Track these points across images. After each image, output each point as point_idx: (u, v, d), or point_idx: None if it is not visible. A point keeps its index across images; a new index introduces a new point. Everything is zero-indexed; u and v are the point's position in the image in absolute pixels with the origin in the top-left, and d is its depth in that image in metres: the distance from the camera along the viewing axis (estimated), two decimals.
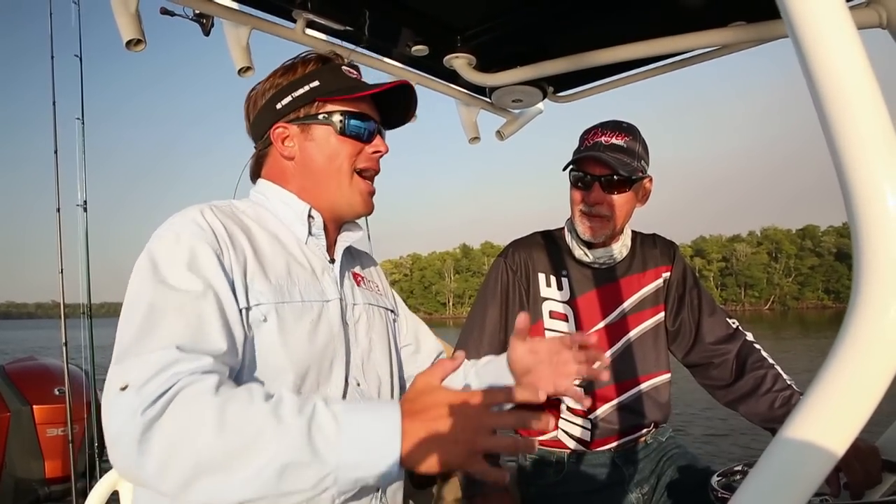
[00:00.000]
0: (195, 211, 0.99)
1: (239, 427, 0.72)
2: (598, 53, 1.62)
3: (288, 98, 1.09)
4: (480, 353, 1.63)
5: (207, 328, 0.86)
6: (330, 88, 1.09)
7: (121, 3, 1.38)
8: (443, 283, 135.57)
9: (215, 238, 0.95)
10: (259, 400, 0.76)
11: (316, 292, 1.05)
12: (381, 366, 1.15)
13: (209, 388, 0.76)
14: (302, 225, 1.09)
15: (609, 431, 1.62)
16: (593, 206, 1.56)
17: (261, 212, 1.10)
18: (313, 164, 1.09)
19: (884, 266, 0.43)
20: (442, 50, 1.75)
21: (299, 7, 1.49)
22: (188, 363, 0.79)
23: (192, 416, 0.73)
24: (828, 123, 0.44)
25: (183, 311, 0.85)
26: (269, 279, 0.98)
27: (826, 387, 0.47)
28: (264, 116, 1.12)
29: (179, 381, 0.76)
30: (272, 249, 1.04)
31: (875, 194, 0.43)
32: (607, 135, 1.56)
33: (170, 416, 0.73)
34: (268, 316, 0.96)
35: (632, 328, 1.66)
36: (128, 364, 0.79)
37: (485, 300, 1.69)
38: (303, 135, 1.09)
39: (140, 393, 0.74)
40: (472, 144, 2.21)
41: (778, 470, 0.49)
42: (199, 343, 0.83)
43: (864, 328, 0.45)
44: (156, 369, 0.77)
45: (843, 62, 0.44)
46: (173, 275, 0.89)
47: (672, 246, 1.77)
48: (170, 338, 0.81)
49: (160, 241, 0.94)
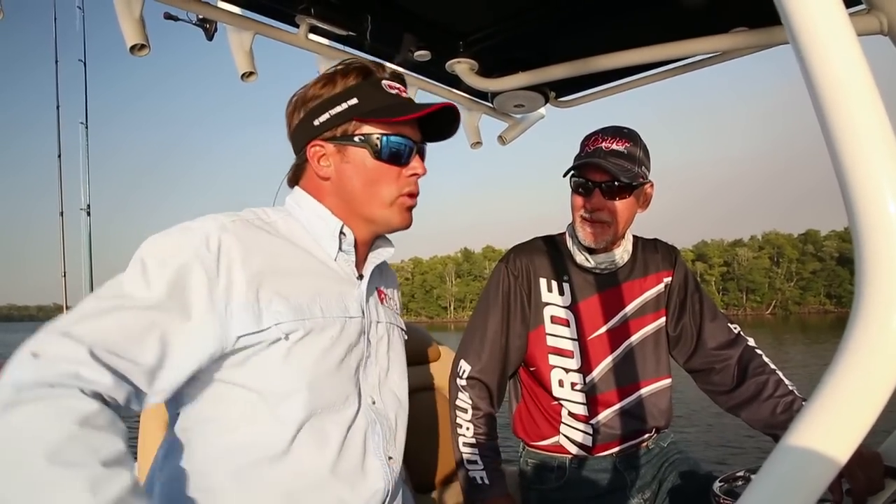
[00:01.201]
0: (214, 225, 0.96)
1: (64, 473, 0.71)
2: (600, 59, 1.62)
3: (326, 115, 1.05)
4: (481, 359, 1.63)
5: (140, 343, 0.84)
6: (368, 108, 1.04)
7: (125, 8, 1.38)
8: (444, 287, 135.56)
9: (217, 261, 0.92)
10: (95, 463, 0.74)
11: (339, 309, 1.04)
12: (397, 385, 1.15)
13: (78, 413, 0.75)
14: (333, 241, 1.08)
15: (611, 437, 1.62)
16: (594, 211, 1.56)
17: (292, 224, 1.08)
18: (349, 186, 1.07)
19: (886, 273, 0.43)
20: (444, 55, 1.76)
21: (302, 12, 1.50)
22: (90, 373, 0.78)
23: (42, 427, 0.73)
24: (828, 130, 0.45)
25: (128, 316, 0.85)
26: (288, 298, 0.97)
27: (829, 394, 0.47)
28: (302, 131, 1.09)
29: (67, 387, 0.76)
30: (298, 265, 1.02)
31: (876, 200, 0.43)
32: (608, 140, 1.56)
33: (29, 411, 0.73)
34: (288, 334, 0.95)
35: (633, 333, 1.66)
36: (57, 330, 0.80)
37: (486, 305, 1.69)
38: (339, 155, 1.07)
39: (38, 370, 0.76)
40: (473, 149, 2.21)
41: (781, 476, 0.49)
42: (119, 354, 0.82)
43: (868, 335, 0.45)
44: (63, 360, 0.77)
45: (844, 69, 0.44)
46: (147, 277, 0.88)
47: (673, 251, 1.76)
48: (95, 335, 0.81)
49: (162, 239, 0.93)
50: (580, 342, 1.63)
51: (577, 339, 1.64)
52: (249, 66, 1.58)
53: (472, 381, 1.63)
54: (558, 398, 1.64)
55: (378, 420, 1.07)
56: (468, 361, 1.64)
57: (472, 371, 1.63)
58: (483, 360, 1.63)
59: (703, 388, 1.70)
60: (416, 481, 1.99)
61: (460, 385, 1.64)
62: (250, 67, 1.58)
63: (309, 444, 0.96)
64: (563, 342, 1.64)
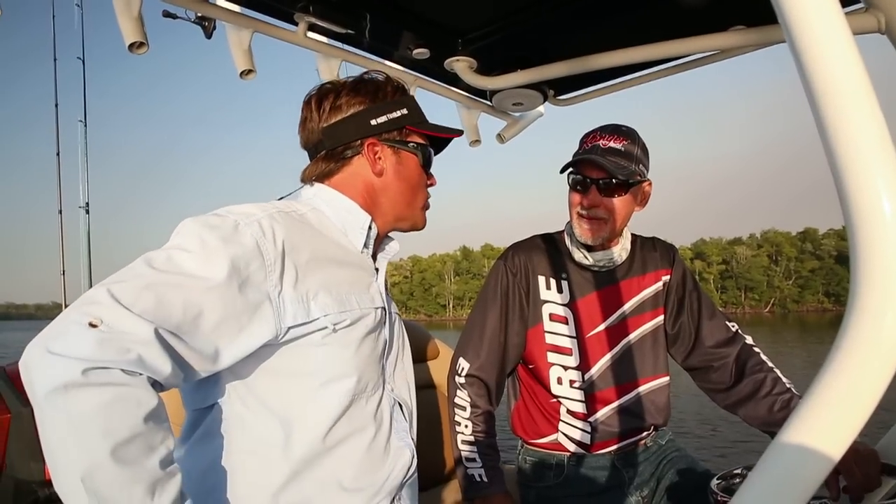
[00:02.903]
0: (265, 214, 0.97)
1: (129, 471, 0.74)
2: (599, 57, 1.62)
3: (383, 118, 1.12)
4: (480, 356, 1.64)
5: (201, 326, 0.85)
6: (418, 119, 1.16)
7: (124, 5, 1.38)
8: (443, 285, 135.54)
9: (274, 249, 0.94)
10: (154, 463, 0.77)
11: (368, 300, 1.08)
12: (407, 371, 1.22)
13: (144, 407, 0.77)
14: (362, 234, 1.12)
15: (609, 434, 1.63)
16: (590, 208, 1.57)
17: (321, 217, 1.10)
18: (397, 186, 1.15)
19: (881, 271, 0.43)
20: (443, 53, 1.76)
21: (301, 10, 1.50)
22: (153, 358, 0.78)
23: (108, 421, 0.73)
24: (824, 129, 0.45)
25: (191, 295, 0.84)
26: (331, 289, 1.00)
27: (824, 391, 0.48)
28: (355, 126, 1.11)
29: (133, 374, 0.76)
30: (334, 257, 1.06)
31: (872, 201, 0.43)
32: (605, 138, 1.57)
33: (97, 401, 0.73)
34: (333, 325, 0.98)
35: (631, 331, 1.67)
36: (115, 299, 0.78)
37: (485, 303, 1.69)
38: (394, 157, 1.14)
39: (101, 346, 0.74)
40: (472, 147, 2.21)
41: (776, 473, 0.50)
42: (181, 337, 0.82)
43: (862, 332, 0.45)
44: (127, 338, 0.76)
45: (840, 68, 0.44)
46: (209, 256, 0.87)
47: (672, 249, 1.77)
48: (158, 312, 0.80)
49: (219, 221, 0.93)
50: (579, 340, 1.64)
51: (575, 337, 1.64)
52: (248, 64, 1.58)
53: (471, 379, 1.63)
54: (557, 396, 1.64)
55: (399, 404, 1.14)
56: (467, 359, 1.65)
57: (471, 369, 1.63)
58: (482, 358, 1.64)
59: (701, 386, 1.71)
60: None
61: (459, 383, 1.64)
62: (249, 65, 1.58)
63: (348, 430, 1.01)
64: (561, 340, 1.65)
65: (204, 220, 0.93)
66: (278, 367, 0.97)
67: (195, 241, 0.89)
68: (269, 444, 0.97)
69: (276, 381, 0.98)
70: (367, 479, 1.03)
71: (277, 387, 0.98)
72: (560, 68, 1.70)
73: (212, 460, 0.97)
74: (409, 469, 1.11)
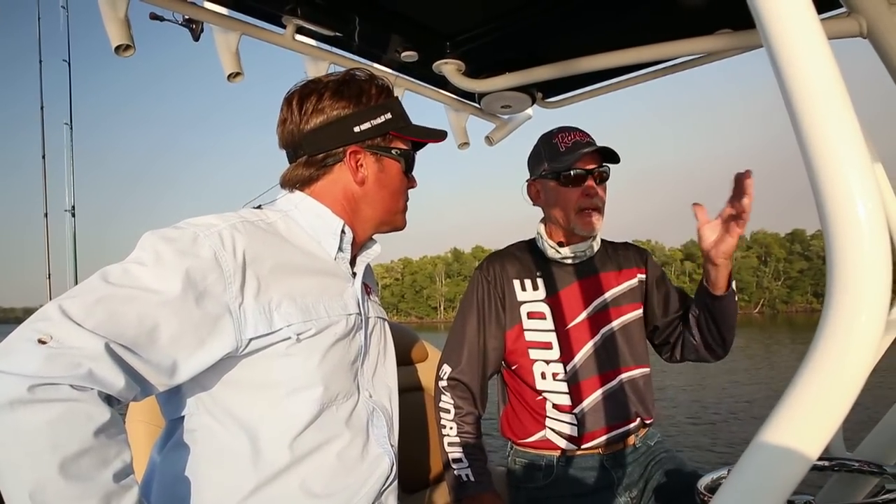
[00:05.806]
0: (226, 224, 0.96)
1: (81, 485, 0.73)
2: (587, 60, 1.63)
3: (367, 124, 1.10)
4: (461, 361, 1.69)
5: (157, 340, 0.83)
6: (402, 124, 1.14)
7: (109, 8, 1.37)
8: (434, 287, 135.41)
9: (233, 261, 0.93)
10: (107, 477, 0.76)
11: (339, 307, 1.06)
12: (388, 376, 1.20)
13: (95, 422, 0.75)
14: (334, 239, 1.10)
15: (595, 425, 1.64)
16: (592, 198, 1.63)
17: (291, 224, 1.09)
18: (378, 194, 1.13)
19: (855, 273, 0.44)
20: (431, 56, 1.77)
21: (289, 13, 1.50)
22: (105, 373, 0.77)
23: (56, 436, 0.72)
24: (800, 133, 0.46)
25: (145, 309, 0.83)
26: (295, 299, 0.99)
27: (801, 390, 0.49)
28: (337, 133, 1.09)
29: (83, 389, 0.75)
30: (301, 266, 1.04)
31: (846, 203, 0.44)
32: (575, 135, 1.67)
33: (44, 417, 0.72)
34: (297, 335, 0.97)
35: (610, 321, 1.71)
36: (66, 315, 0.77)
37: (464, 311, 1.76)
38: (376, 165, 1.12)
39: (49, 362, 0.73)
40: (461, 150, 2.22)
41: (756, 471, 0.50)
42: (135, 351, 0.81)
43: (837, 333, 0.46)
44: (77, 353, 0.75)
45: (814, 71, 0.45)
46: (164, 270, 0.87)
47: (645, 252, 1.85)
48: (110, 326, 0.79)
49: (176, 233, 0.92)
50: (558, 332, 1.68)
51: (554, 330, 1.68)
52: (236, 67, 1.57)
53: (453, 382, 1.68)
54: (542, 391, 1.66)
55: (378, 410, 1.12)
56: (449, 364, 1.70)
57: (453, 373, 1.68)
58: (462, 362, 1.69)
59: (694, 359, 1.75)
60: (405, 481, 1.99)
61: (442, 387, 1.69)
62: (237, 68, 1.58)
63: (318, 438, 1.00)
64: (541, 335, 1.69)
65: (162, 232, 0.92)
66: (242, 379, 0.96)
67: (151, 254, 0.88)
68: (236, 453, 0.95)
69: (242, 392, 0.96)
70: (339, 486, 1.01)
71: (242, 398, 0.96)
72: (548, 71, 1.71)
73: (183, 469, 0.96)
74: (387, 477, 1.09)
